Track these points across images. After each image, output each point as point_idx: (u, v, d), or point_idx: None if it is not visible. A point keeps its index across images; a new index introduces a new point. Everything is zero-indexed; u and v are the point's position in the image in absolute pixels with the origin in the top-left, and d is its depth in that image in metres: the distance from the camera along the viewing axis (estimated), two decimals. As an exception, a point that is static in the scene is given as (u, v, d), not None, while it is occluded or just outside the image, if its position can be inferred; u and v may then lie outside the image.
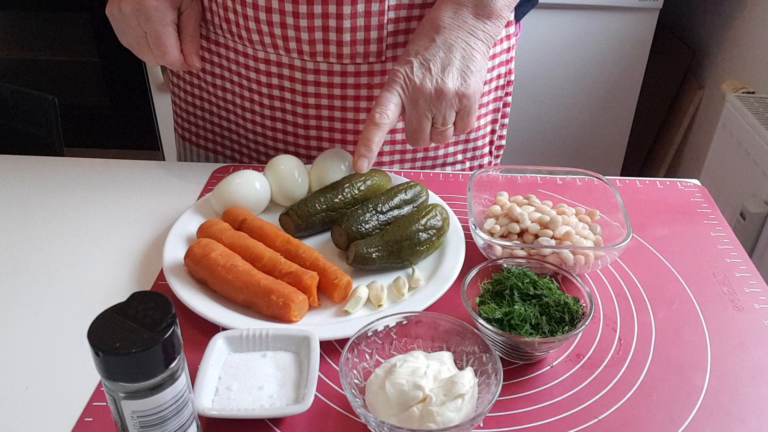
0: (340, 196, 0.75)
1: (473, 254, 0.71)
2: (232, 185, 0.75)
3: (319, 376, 0.58)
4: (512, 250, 0.67)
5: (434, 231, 0.70)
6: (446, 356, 0.56)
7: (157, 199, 0.82)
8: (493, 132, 0.95)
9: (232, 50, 0.85)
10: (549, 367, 0.60)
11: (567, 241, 0.68)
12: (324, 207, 0.74)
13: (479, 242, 0.69)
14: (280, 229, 0.72)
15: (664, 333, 0.64)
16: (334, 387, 0.57)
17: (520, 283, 0.61)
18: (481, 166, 0.96)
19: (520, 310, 0.58)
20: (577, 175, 0.78)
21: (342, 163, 0.80)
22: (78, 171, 0.88)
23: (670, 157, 2.13)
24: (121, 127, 2.08)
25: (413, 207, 0.74)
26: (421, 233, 0.69)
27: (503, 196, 0.76)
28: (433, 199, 0.78)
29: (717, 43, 1.94)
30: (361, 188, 0.76)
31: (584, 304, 0.60)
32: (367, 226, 0.71)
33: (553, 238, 0.68)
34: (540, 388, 0.58)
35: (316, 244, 0.73)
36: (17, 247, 0.74)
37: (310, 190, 0.80)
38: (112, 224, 0.78)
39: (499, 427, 0.54)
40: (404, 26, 0.79)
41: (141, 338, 0.42)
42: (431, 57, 0.72)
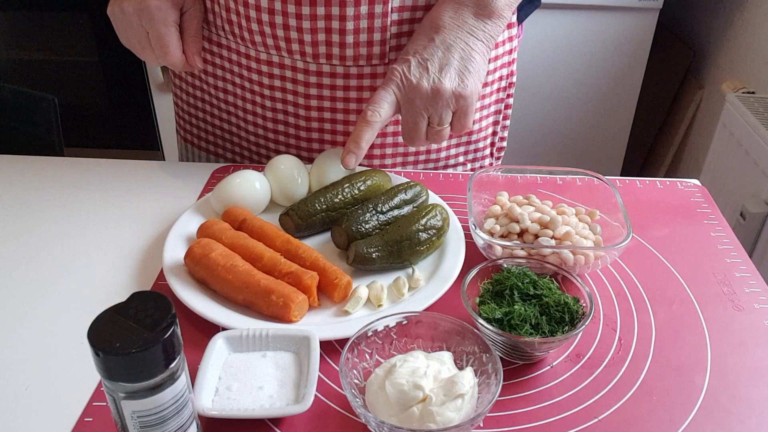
0: (340, 196, 0.75)
1: (473, 254, 0.71)
2: (232, 185, 0.75)
3: (319, 376, 0.58)
4: (512, 250, 0.67)
5: (434, 231, 0.70)
6: (446, 356, 0.56)
7: (157, 199, 0.82)
8: (495, 134, 0.95)
9: (234, 52, 0.85)
10: (549, 367, 0.60)
11: (567, 241, 0.68)
12: (324, 207, 0.74)
13: (479, 242, 0.69)
14: (280, 229, 0.72)
15: (664, 333, 0.64)
16: (334, 387, 0.57)
17: (520, 283, 0.61)
18: (483, 167, 0.95)
19: (520, 310, 0.58)
20: (577, 175, 0.78)
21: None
22: (78, 171, 0.88)
23: (670, 157, 2.13)
24: (121, 127, 2.08)
25: (413, 207, 0.74)
26: (421, 233, 0.69)
27: (503, 196, 0.76)
28: (433, 199, 0.78)
29: (717, 43, 1.94)
30: (361, 188, 0.76)
31: (584, 304, 0.60)
32: (367, 226, 0.71)
33: (553, 238, 0.68)
34: (540, 388, 0.58)
35: (316, 244, 0.73)
36: (17, 247, 0.74)
37: (310, 190, 0.80)
38: (112, 224, 0.78)
39: (499, 427, 0.54)
40: (407, 28, 0.78)
41: (141, 338, 0.42)
42: (429, 56, 0.71)
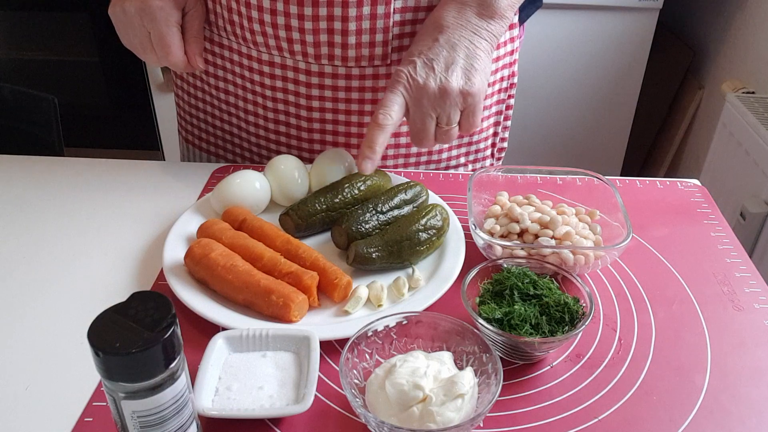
0: (340, 196, 0.75)
1: (473, 254, 0.71)
2: (232, 185, 0.75)
3: (319, 376, 0.58)
4: (512, 250, 0.67)
5: (434, 231, 0.70)
6: (446, 356, 0.56)
7: (157, 199, 0.82)
8: (495, 134, 0.94)
9: (236, 52, 0.84)
10: (549, 367, 0.60)
11: (567, 241, 0.68)
12: (324, 207, 0.74)
13: (479, 242, 0.69)
14: (280, 229, 0.72)
15: (664, 333, 0.64)
16: (334, 387, 0.57)
17: (520, 283, 0.61)
18: (483, 168, 0.95)
19: (520, 310, 0.58)
20: (577, 175, 0.78)
21: (342, 163, 0.80)
22: (78, 171, 0.88)
23: (670, 157, 2.13)
24: (121, 127, 2.08)
25: (413, 207, 0.74)
26: (421, 233, 0.69)
27: (503, 196, 0.76)
28: (433, 199, 0.78)
29: (717, 43, 1.94)
30: (361, 188, 0.76)
31: (584, 304, 0.60)
32: (367, 226, 0.71)
33: (553, 238, 0.68)
34: (540, 388, 0.58)
35: (316, 244, 0.73)
36: (17, 247, 0.74)
37: (310, 190, 0.80)
38: (112, 224, 0.78)
39: (499, 427, 0.54)
40: (409, 29, 0.78)
41: (141, 338, 0.42)
42: (435, 56, 0.71)
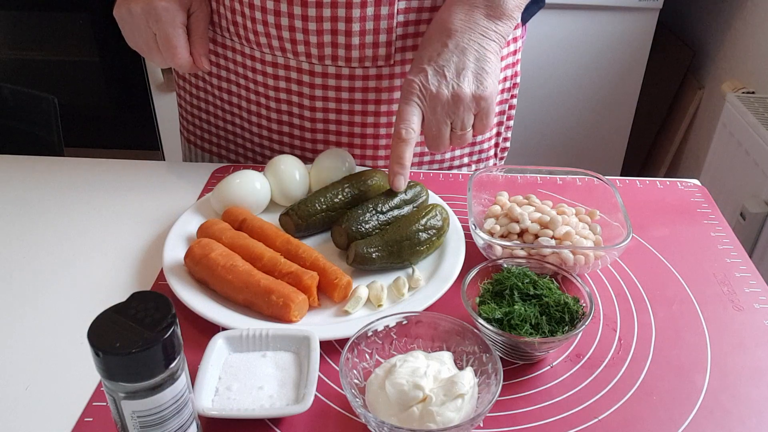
0: (340, 196, 0.75)
1: (473, 254, 0.71)
2: (232, 185, 0.75)
3: (319, 376, 0.58)
4: (512, 250, 0.67)
5: (434, 231, 0.70)
6: (446, 356, 0.56)
7: (157, 199, 0.82)
8: (499, 134, 0.95)
9: (239, 53, 0.84)
10: (549, 367, 0.60)
11: (567, 241, 0.68)
12: (324, 207, 0.74)
13: (479, 242, 0.69)
14: (280, 229, 0.72)
15: (664, 333, 0.64)
16: (334, 387, 0.57)
17: (520, 283, 0.61)
18: (486, 168, 0.95)
19: (520, 310, 0.58)
20: (577, 175, 0.78)
21: (342, 163, 0.80)
22: (78, 171, 0.88)
23: (670, 157, 2.13)
24: (121, 127, 2.07)
25: (413, 207, 0.74)
26: (421, 233, 0.69)
27: (503, 196, 0.76)
28: (433, 199, 0.78)
29: (717, 43, 1.94)
30: (361, 188, 0.76)
31: (584, 304, 0.60)
32: (367, 226, 0.71)
33: (553, 238, 0.68)
34: (540, 388, 0.58)
35: (316, 244, 0.73)
36: (17, 247, 0.74)
37: (310, 190, 0.80)
38: (112, 224, 0.78)
39: (499, 427, 0.54)
40: (413, 30, 0.78)
41: (141, 338, 0.42)
42: (445, 63, 0.71)
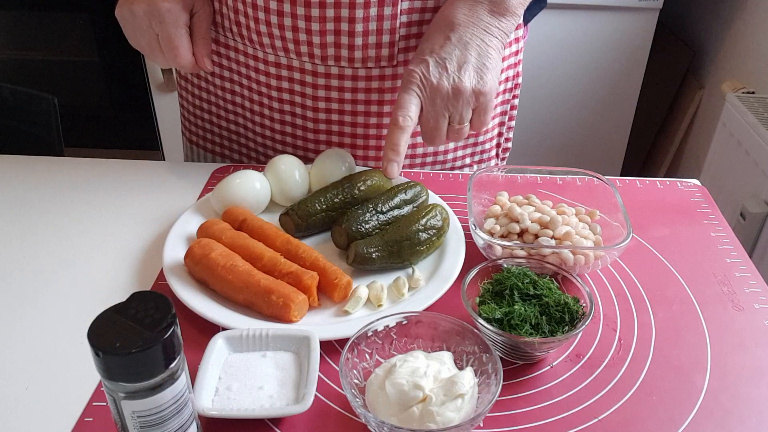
0: (340, 196, 0.75)
1: (473, 254, 0.71)
2: (232, 185, 0.75)
3: (319, 376, 0.58)
4: (512, 250, 0.67)
5: (434, 231, 0.70)
6: (446, 356, 0.56)
7: (157, 199, 0.82)
8: (500, 134, 0.94)
9: (241, 53, 0.84)
10: (549, 367, 0.60)
11: (567, 241, 0.68)
12: (324, 207, 0.74)
13: (479, 242, 0.69)
14: (280, 229, 0.72)
15: (664, 333, 0.64)
16: (334, 387, 0.57)
17: (520, 283, 0.61)
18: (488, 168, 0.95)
19: (520, 310, 0.58)
20: (577, 175, 0.78)
21: (342, 163, 0.80)
22: (78, 171, 0.88)
23: (670, 157, 2.13)
24: (121, 127, 2.07)
25: (413, 207, 0.74)
26: (421, 233, 0.69)
27: (503, 196, 0.76)
28: (433, 199, 0.78)
29: (717, 43, 1.94)
30: (361, 188, 0.76)
31: (584, 304, 0.60)
32: (367, 226, 0.71)
33: (553, 238, 0.68)
34: (540, 388, 0.58)
35: (316, 244, 0.73)
36: (17, 247, 0.74)
37: (310, 190, 0.80)
38: (112, 224, 0.78)
39: (499, 427, 0.54)
40: (416, 30, 0.78)
41: (141, 338, 0.42)
42: (447, 55, 0.71)
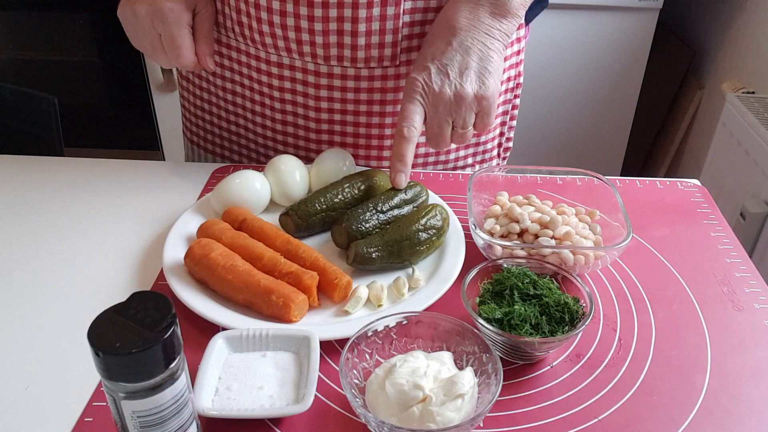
0: (340, 196, 0.75)
1: (473, 254, 0.71)
2: (232, 185, 0.75)
3: (319, 376, 0.58)
4: (512, 250, 0.67)
5: (434, 231, 0.70)
6: (446, 356, 0.56)
7: (157, 199, 0.82)
8: (502, 134, 0.95)
9: (244, 53, 0.84)
10: (549, 367, 0.60)
11: (567, 241, 0.68)
12: (324, 207, 0.73)
13: (479, 242, 0.69)
14: (280, 229, 0.72)
15: (664, 333, 0.64)
16: (334, 387, 0.57)
17: (520, 283, 0.61)
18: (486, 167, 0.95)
19: (520, 310, 0.58)
20: (577, 175, 0.78)
21: (342, 163, 0.80)
22: (78, 171, 0.88)
23: (670, 157, 2.13)
24: (121, 127, 2.07)
25: (413, 207, 0.74)
26: (421, 233, 0.69)
27: (503, 196, 0.76)
28: (433, 199, 0.78)
29: (717, 43, 1.94)
30: (361, 188, 0.76)
31: (584, 304, 0.60)
32: (367, 226, 0.71)
33: (553, 238, 0.68)
34: (540, 388, 0.58)
35: (316, 244, 0.73)
36: (17, 247, 0.74)
37: (310, 190, 0.80)
38: (112, 224, 0.78)
39: (499, 427, 0.54)
40: (418, 30, 0.78)
41: (141, 338, 0.42)
42: (448, 61, 0.71)
